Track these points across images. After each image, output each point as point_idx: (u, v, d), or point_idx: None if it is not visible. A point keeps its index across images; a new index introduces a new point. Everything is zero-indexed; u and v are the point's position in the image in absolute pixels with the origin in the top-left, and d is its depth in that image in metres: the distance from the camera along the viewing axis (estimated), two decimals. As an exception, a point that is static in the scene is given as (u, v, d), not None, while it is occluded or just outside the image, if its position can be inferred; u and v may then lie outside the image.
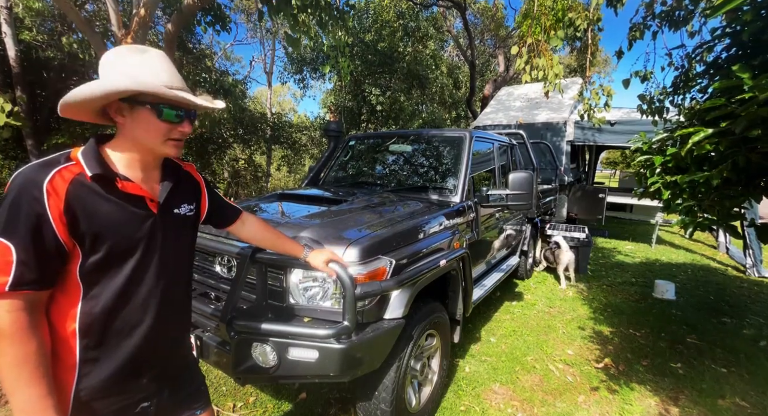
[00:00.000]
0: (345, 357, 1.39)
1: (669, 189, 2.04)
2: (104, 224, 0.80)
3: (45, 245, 0.74)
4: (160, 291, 0.91)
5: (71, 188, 0.76)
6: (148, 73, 0.83)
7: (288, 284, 1.56)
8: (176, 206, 0.96)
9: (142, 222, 0.87)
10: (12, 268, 0.71)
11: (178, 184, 0.98)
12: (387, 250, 1.69)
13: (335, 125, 3.58)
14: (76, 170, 0.79)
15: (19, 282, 0.72)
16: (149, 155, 0.89)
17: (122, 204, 0.84)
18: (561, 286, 4.22)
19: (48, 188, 0.74)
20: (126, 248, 0.84)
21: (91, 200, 0.79)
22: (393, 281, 1.49)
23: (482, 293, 2.82)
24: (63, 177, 0.77)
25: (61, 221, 0.75)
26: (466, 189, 2.63)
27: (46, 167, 0.76)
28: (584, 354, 2.77)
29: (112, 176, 0.82)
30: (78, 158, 0.81)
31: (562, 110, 6.87)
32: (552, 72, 2.58)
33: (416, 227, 1.98)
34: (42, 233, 0.74)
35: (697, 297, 4.03)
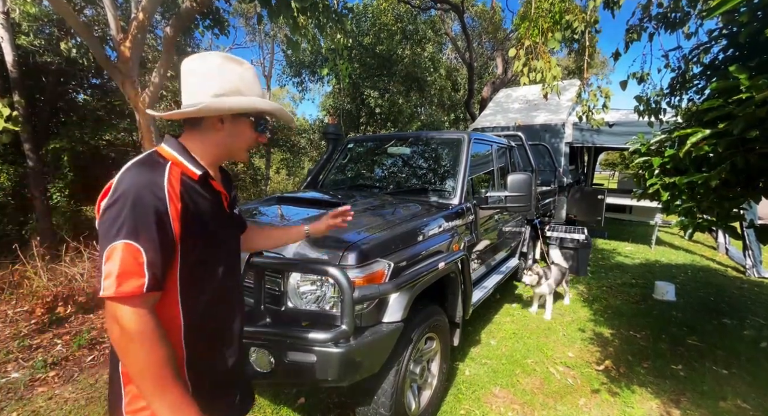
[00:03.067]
0: (343, 361, 1.38)
1: (668, 190, 2.04)
2: (205, 223, 0.83)
3: (167, 245, 0.75)
4: (237, 288, 0.97)
5: (182, 188, 0.78)
6: (258, 89, 0.91)
7: (286, 287, 1.55)
8: (233, 206, 1.00)
9: (226, 220, 0.92)
10: (144, 269, 0.71)
11: (231, 185, 1.02)
12: (385, 253, 1.68)
13: (333, 127, 3.58)
14: (178, 170, 0.80)
15: (153, 283, 0.72)
16: (225, 158, 0.94)
17: (214, 203, 0.87)
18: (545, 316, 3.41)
19: (168, 189, 0.75)
20: (216, 246, 0.87)
21: (198, 200, 0.82)
22: (391, 285, 1.48)
23: (482, 295, 2.81)
24: (175, 177, 0.78)
25: (177, 221, 0.76)
26: (465, 191, 2.63)
27: (155, 166, 0.78)
28: (585, 357, 2.75)
29: (210, 176, 0.87)
30: (174, 157, 0.83)
31: (560, 111, 6.88)
32: (550, 74, 2.59)
33: (415, 230, 1.97)
34: (166, 233, 0.74)
35: (697, 298, 4.02)
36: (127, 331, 0.71)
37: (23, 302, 3.29)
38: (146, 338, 0.71)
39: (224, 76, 0.86)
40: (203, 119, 0.86)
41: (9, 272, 3.72)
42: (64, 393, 2.17)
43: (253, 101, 0.86)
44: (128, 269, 0.70)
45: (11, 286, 3.57)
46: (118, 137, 7.43)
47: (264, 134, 0.95)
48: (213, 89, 0.85)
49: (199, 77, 0.86)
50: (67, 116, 7.99)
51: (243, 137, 0.91)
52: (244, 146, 0.93)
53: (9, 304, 3.30)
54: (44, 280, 3.59)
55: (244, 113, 0.88)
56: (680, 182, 1.87)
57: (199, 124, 0.87)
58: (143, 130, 5.13)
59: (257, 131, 0.93)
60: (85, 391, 2.20)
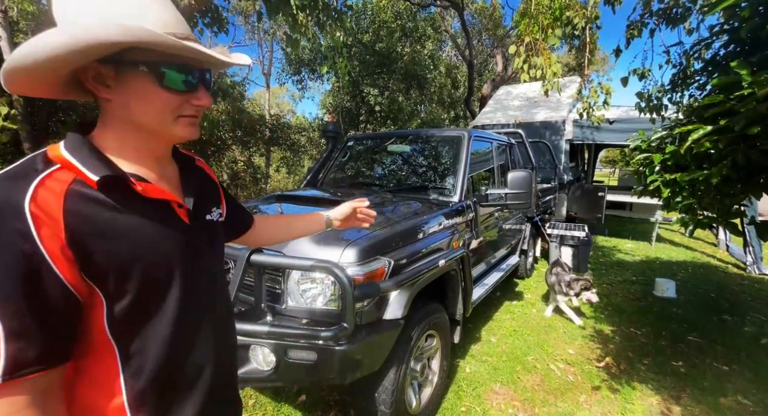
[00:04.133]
0: (344, 359, 1.38)
1: (668, 187, 2.03)
2: (129, 248, 0.56)
3: (47, 300, 0.49)
4: (216, 321, 0.71)
5: (69, 203, 0.51)
6: (138, 14, 0.54)
7: (286, 286, 1.55)
8: (207, 212, 0.72)
9: (177, 237, 0.63)
10: (0, 346, 0.46)
11: (202, 182, 0.75)
12: (385, 250, 1.68)
13: (333, 126, 3.57)
14: (68, 177, 0.53)
15: (16, 366, 0.47)
16: (155, 142, 0.62)
17: (146, 215, 0.59)
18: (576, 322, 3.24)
19: (33, 211, 0.48)
20: (165, 276, 0.61)
21: (104, 217, 0.54)
22: (391, 282, 1.48)
23: (482, 292, 2.81)
24: (52, 190, 0.51)
25: (65, 257, 0.50)
26: (465, 189, 2.62)
27: (16, 178, 0.50)
28: (585, 353, 2.75)
29: (125, 177, 0.57)
30: (65, 158, 0.54)
31: (560, 108, 6.86)
32: (550, 71, 2.58)
33: (415, 228, 1.97)
34: (39, 283, 0.49)
35: (698, 295, 4.02)
36: None
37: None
38: None
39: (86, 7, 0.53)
40: (97, 89, 0.56)
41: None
42: None
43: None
44: None
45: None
46: None
47: (193, 91, 0.60)
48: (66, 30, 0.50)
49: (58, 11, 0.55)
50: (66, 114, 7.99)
51: (148, 102, 0.57)
52: (161, 115, 0.58)
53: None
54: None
55: (130, 62, 0.54)
56: (681, 178, 1.87)
57: (95, 97, 0.58)
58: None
59: (174, 89, 0.57)
60: None
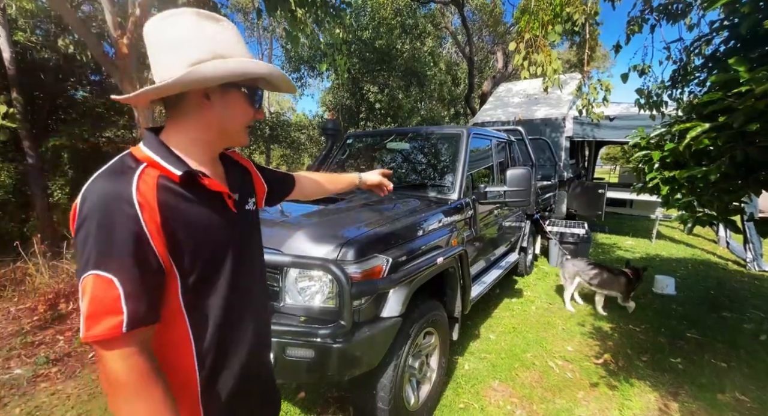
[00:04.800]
0: (342, 357, 1.38)
1: (667, 185, 2.03)
2: (201, 233, 0.69)
3: (149, 269, 0.62)
4: (254, 297, 0.83)
5: (161, 195, 0.64)
6: (244, 50, 0.73)
7: (284, 283, 1.56)
8: (246, 202, 0.85)
9: (230, 224, 0.76)
10: (122, 304, 0.58)
11: (241, 177, 0.88)
12: (384, 248, 1.68)
13: (332, 123, 3.57)
14: (156, 172, 0.66)
15: (134, 320, 0.59)
16: (223, 144, 0.78)
17: (210, 206, 0.72)
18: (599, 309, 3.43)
19: (140, 200, 0.61)
20: (221, 257, 0.74)
21: (185, 207, 0.67)
22: (389, 280, 1.48)
23: (481, 290, 2.82)
24: (147, 184, 0.63)
25: (159, 237, 0.62)
26: (464, 186, 2.62)
27: (122, 174, 0.63)
28: (584, 350, 2.76)
29: (197, 173, 0.69)
30: (150, 156, 0.67)
31: (561, 105, 6.84)
32: (550, 68, 2.57)
33: (413, 225, 1.97)
34: (145, 256, 0.61)
35: (698, 292, 4.02)
36: (113, 379, 0.60)
37: (25, 300, 3.31)
38: (135, 387, 0.60)
39: (200, 38, 0.68)
40: (184, 98, 0.70)
41: (11, 269, 3.75)
42: (67, 388, 2.18)
43: (242, 64, 0.69)
44: (100, 307, 0.58)
45: (14, 283, 3.59)
46: (118, 134, 7.43)
47: (260, 107, 0.78)
48: (188, 57, 0.66)
49: (168, 45, 0.68)
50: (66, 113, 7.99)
51: (238, 113, 0.74)
52: (241, 125, 0.76)
53: (11, 301, 3.32)
54: (46, 277, 3.61)
55: (233, 83, 0.71)
56: (680, 175, 1.86)
57: (181, 106, 0.71)
58: (142, 127, 5.13)
59: (253, 105, 0.75)
60: (87, 387, 2.21)
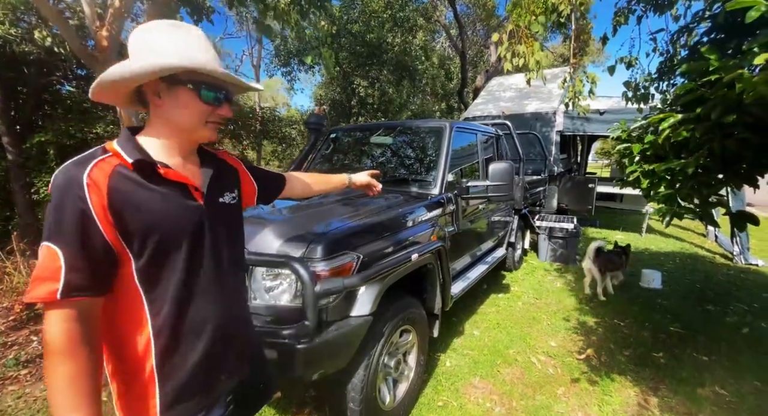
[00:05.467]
0: (306, 358, 1.34)
1: (648, 178, 2.00)
2: (151, 218, 0.74)
3: (94, 246, 0.69)
4: (219, 283, 0.86)
5: (112, 180, 0.71)
6: (195, 49, 0.78)
7: (250, 282, 1.51)
8: (220, 195, 0.91)
9: (190, 213, 0.81)
10: (61, 274, 0.66)
11: (219, 172, 0.93)
12: (355, 245, 1.63)
13: (315, 117, 3.50)
14: (115, 161, 0.74)
15: (70, 288, 0.66)
16: (187, 140, 0.84)
17: (167, 194, 0.78)
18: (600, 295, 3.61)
19: (88, 182, 0.69)
20: (176, 243, 0.78)
21: (134, 191, 0.73)
22: (357, 278, 1.43)
23: (465, 286, 2.79)
24: (102, 170, 0.72)
25: (105, 219, 0.69)
26: (446, 181, 2.58)
27: (82, 162, 0.72)
28: (567, 346, 2.75)
29: (153, 162, 0.76)
30: (115, 148, 0.76)
31: (551, 100, 6.80)
32: (533, 59, 2.51)
33: (389, 221, 1.92)
34: (89, 233, 0.68)
35: (684, 286, 4.03)
36: (47, 340, 0.66)
37: (2, 299, 3.24)
38: (62, 350, 0.66)
39: (148, 40, 0.76)
40: (152, 98, 0.79)
41: (-12, 268, 3.66)
42: (35, 391, 2.13)
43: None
44: (43, 273, 0.66)
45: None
46: (107, 130, 7.32)
47: (220, 104, 0.83)
48: (145, 59, 0.75)
49: (132, 51, 0.78)
50: (52, 108, 7.85)
51: (188, 110, 0.80)
52: (196, 121, 0.81)
53: (-13, 301, 3.25)
54: (24, 276, 3.53)
55: (179, 81, 0.77)
56: (659, 168, 1.84)
57: (149, 107, 0.81)
58: (125, 122, 5.02)
59: (207, 102, 0.80)
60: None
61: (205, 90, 0.79)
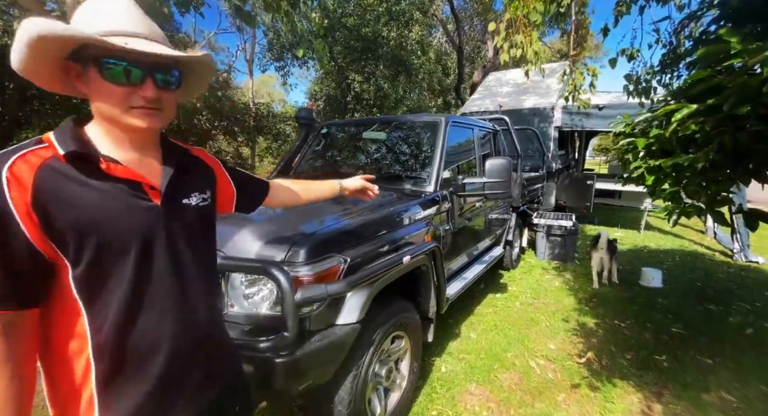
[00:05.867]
0: (286, 372, 1.23)
1: (653, 174, 1.91)
2: (87, 217, 0.64)
3: (15, 250, 0.60)
4: (181, 294, 0.75)
5: (40, 174, 0.61)
6: (89, 17, 0.66)
7: (227, 288, 1.39)
8: (185, 196, 0.79)
9: (140, 214, 0.70)
10: None
11: (186, 170, 0.81)
12: (343, 247, 1.52)
13: (306, 112, 3.37)
14: (48, 154, 0.64)
15: None
16: (121, 130, 0.70)
17: (110, 191, 0.67)
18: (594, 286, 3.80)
19: (8, 177, 0.59)
20: (121, 248, 0.67)
21: (65, 187, 0.63)
22: (342, 284, 1.32)
23: (461, 287, 2.69)
24: (29, 162, 0.62)
25: (30, 218, 0.60)
26: (441, 178, 2.47)
27: (7, 154, 0.62)
28: (567, 348, 2.65)
29: (94, 154, 0.66)
30: (50, 138, 0.66)
31: (549, 95, 6.69)
32: (531, 49, 2.40)
33: (380, 220, 1.81)
34: (8, 235, 0.59)
35: (684, 284, 3.95)
36: None
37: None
38: None
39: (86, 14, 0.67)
40: (78, 84, 0.69)
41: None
42: None
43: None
44: None
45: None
46: None
47: (139, 84, 0.66)
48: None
49: None
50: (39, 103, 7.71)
51: (102, 95, 0.66)
52: (115, 107, 0.67)
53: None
54: None
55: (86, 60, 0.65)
56: (665, 164, 1.73)
57: None
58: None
59: (114, 81, 0.65)
60: None
61: (107, 67, 0.64)
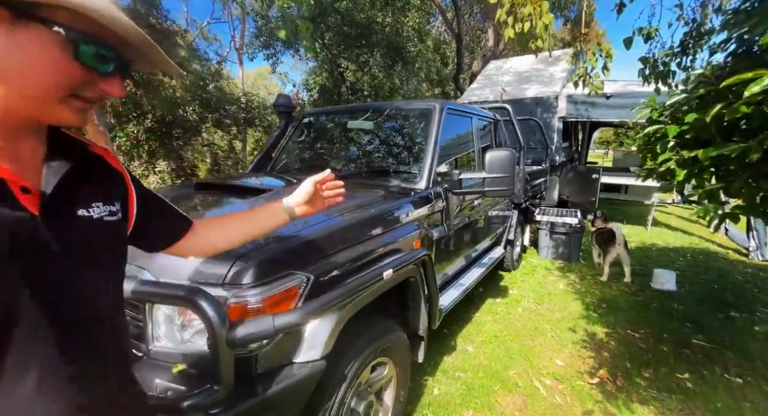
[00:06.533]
0: (217, 435, 0.92)
1: (685, 168, 1.59)
2: None
3: None
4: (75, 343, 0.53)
5: None
6: None
7: (151, 318, 1.08)
8: (82, 206, 0.57)
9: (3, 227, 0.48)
10: None
11: (83, 171, 0.58)
12: (306, 260, 1.20)
13: (284, 99, 3.02)
14: None
15: None
16: (15, 110, 0.48)
17: None
18: (604, 277, 3.77)
19: None
20: None
21: None
22: (296, 315, 1.00)
23: (458, 295, 2.39)
24: None
25: None
26: (435, 173, 2.14)
27: None
28: (576, 364, 2.36)
29: None
30: None
31: (553, 83, 6.32)
32: (541, 22, 2.06)
33: (357, 225, 1.49)
34: None
35: (699, 286, 3.65)
36: None
37: None
38: None
39: None
40: None
41: None
42: None
43: None
44: None
45: None
46: None
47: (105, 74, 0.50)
48: None
49: None
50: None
51: (42, 65, 0.46)
52: (50, 88, 0.47)
53: None
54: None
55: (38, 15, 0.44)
56: (704, 156, 1.40)
57: None
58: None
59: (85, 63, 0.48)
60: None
61: (86, 44, 0.47)
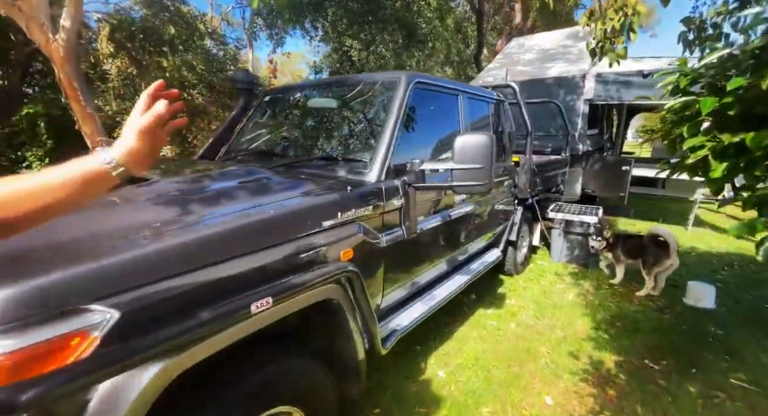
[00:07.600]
0: None
1: (725, 159, 1.11)
2: None
3: None
4: None
5: None
6: None
7: None
8: None
9: None
10: None
11: None
12: (120, 286, 0.83)
13: (243, 74, 2.64)
14: None
15: None
16: None
17: None
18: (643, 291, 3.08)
19: None
20: None
21: None
22: (48, 385, 0.62)
23: (425, 311, 1.97)
24: None
25: None
26: (391, 163, 1.70)
27: None
28: (570, 405, 1.88)
29: None
30: None
31: (581, 61, 5.53)
32: None
33: (232, 235, 1.08)
34: None
35: (746, 305, 2.98)
36: None
37: None
38: None
39: None
40: None
41: None
42: None
43: None
44: None
45: None
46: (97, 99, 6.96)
47: None
48: None
49: None
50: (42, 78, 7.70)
51: None
52: None
53: None
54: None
55: None
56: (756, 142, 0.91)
57: None
58: (65, 86, 4.38)
59: None
60: None
61: None
